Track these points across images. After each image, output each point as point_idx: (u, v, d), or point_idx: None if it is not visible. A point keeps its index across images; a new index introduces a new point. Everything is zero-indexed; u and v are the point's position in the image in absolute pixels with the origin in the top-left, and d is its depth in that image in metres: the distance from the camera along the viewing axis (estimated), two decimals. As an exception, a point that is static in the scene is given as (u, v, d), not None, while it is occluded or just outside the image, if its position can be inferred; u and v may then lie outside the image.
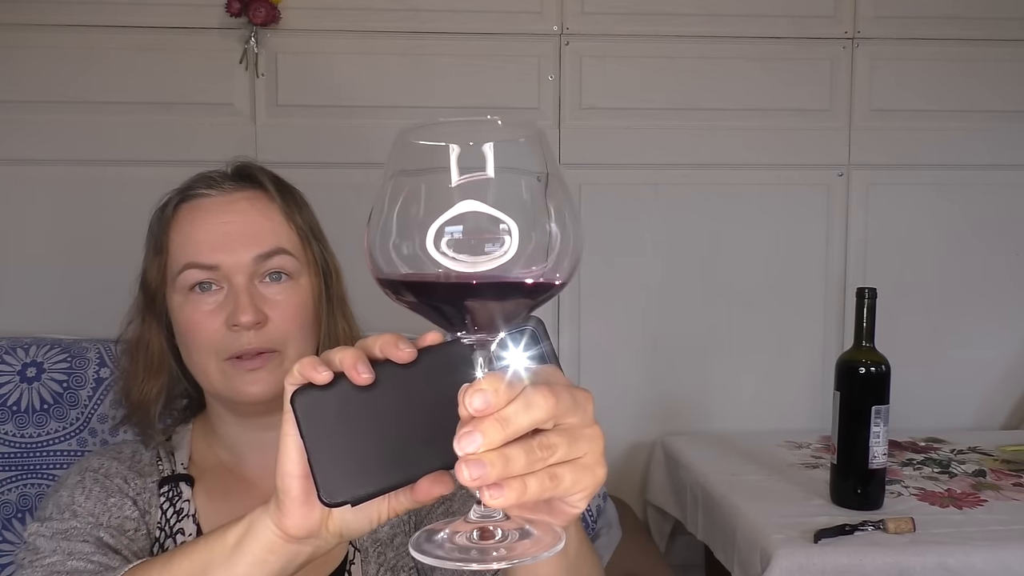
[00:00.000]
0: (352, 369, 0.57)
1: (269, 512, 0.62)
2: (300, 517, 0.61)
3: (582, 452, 0.53)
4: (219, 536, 0.66)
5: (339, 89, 1.80)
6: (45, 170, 1.75)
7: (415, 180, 0.48)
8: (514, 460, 0.49)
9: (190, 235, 0.96)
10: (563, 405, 0.51)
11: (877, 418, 1.36)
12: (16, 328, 1.65)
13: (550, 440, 0.51)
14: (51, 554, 0.85)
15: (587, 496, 0.54)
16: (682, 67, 1.87)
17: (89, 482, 0.95)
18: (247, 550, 0.63)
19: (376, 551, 0.96)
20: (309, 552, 0.63)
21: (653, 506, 1.86)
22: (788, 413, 1.94)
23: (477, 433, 0.48)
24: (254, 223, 0.96)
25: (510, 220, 0.47)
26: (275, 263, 0.95)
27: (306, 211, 1.02)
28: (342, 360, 0.58)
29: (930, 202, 1.96)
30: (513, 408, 0.49)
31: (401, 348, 0.57)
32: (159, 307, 1.00)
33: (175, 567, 0.68)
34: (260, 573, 0.63)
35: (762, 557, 1.29)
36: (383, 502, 0.63)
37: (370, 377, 0.57)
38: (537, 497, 0.50)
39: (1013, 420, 2.00)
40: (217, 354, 0.93)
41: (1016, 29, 1.92)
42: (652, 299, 1.91)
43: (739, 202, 1.91)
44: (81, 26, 1.73)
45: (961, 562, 1.25)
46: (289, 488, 0.60)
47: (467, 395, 0.49)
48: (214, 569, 0.65)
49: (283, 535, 0.62)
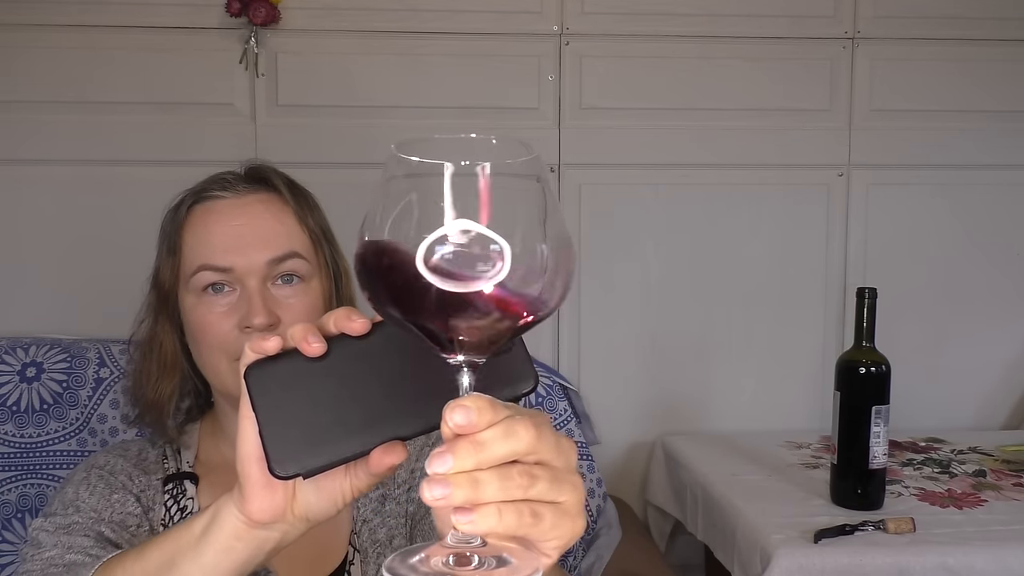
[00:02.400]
0: (303, 341, 0.57)
1: (233, 499, 0.62)
2: (262, 501, 0.60)
3: (563, 498, 0.50)
4: (187, 525, 0.66)
5: (339, 89, 1.80)
6: (46, 170, 1.75)
7: (406, 196, 0.48)
8: (484, 485, 0.47)
9: (204, 237, 0.97)
10: (546, 444, 0.50)
11: (877, 418, 1.36)
12: (16, 328, 1.65)
13: (532, 471, 0.49)
14: (51, 548, 0.86)
15: (562, 547, 0.51)
16: (682, 67, 1.87)
17: (94, 479, 0.96)
18: (213, 538, 0.63)
19: (375, 552, 0.96)
20: (277, 538, 0.63)
21: (653, 506, 1.86)
22: (788, 413, 1.93)
23: (448, 454, 0.47)
24: (267, 226, 0.97)
25: (503, 241, 0.46)
26: (288, 266, 0.96)
27: (318, 213, 1.03)
28: (292, 334, 0.58)
29: (930, 202, 1.95)
30: (492, 433, 0.48)
31: (354, 320, 0.57)
32: (172, 307, 1.01)
33: (146, 557, 0.68)
34: (227, 560, 0.63)
35: (762, 557, 1.29)
36: (345, 480, 0.62)
37: (321, 347, 0.57)
38: (513, 531, 0.48)
39: (1013, 420, 2.00)
40: (229, 355, 0.94)
41: (1016, 29, 1.92)
42: (652, 299, 1.91)
43: (739, 202, 1.91)
44: (81, 26, 1.73)
45: (961, 562, 1.25)
46: (249, 472, 0.59)
47: (449, 410, 0.47)
48: (182, 558, 0.64)
49: (247, 521, 0.61)
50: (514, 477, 0.48)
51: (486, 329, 0.49)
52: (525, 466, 0.49)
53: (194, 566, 0.64)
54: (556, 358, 1.89)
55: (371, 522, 0.98)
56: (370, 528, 0.97)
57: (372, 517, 0.98)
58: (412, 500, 0.99)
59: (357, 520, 0.98)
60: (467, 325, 0.48)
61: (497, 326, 0.49)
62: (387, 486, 1.00)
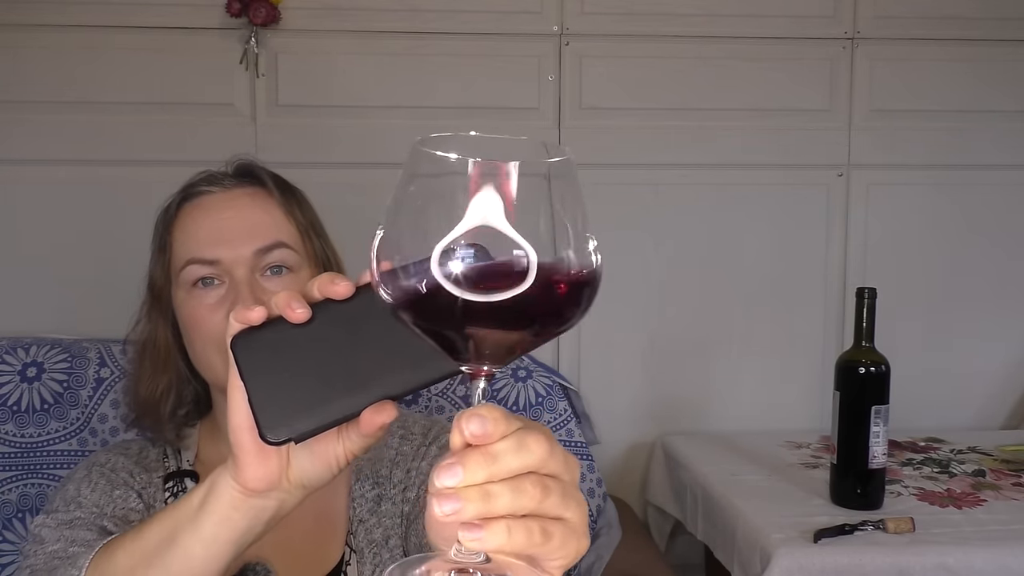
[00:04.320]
0: (287, 308, 0.57)
1: (228, 469, 0.62)
2: (256, 469, 0.60)
3: (570, 513, 0.48)
4: (184, 500, 0.66)
5: (339, 89, 1.80)
6: (45, 170, 1.75)
7: (427, 196, 0.44)
8: (496, 498, 0.45)
9: (191, 232, 0.98)
10: (556, 458, 0.48)
11: (877, 418, 1.36)
12: (16, 328, 1.65)
13: (545, 482, 0.47)
14: (54, 542, 0.86)
15: (565, 566, 0.49)
16: (682, 67, 1.87)
17: (96, 476, 0.97)
18: (211, 510, 0.63)
19: (371, 552, 0.96)
20: (274, 507, 0.63)
21: (653, 506, 1.86)
22: (788, 413, 1.93)
23: (458, 466, 0.45)
24: (254, 218, 0.97)
25: (527, 246, 0.43)
26: (275, 256, 0.96)
27: (306, 207, 1.03)
28: (276, 301, 0.58)
29: (930, 202, 1.96)
30: (504, 445, 0.46)
31: (337, 284, 0.57)
32: (165, 305, 1.01)
33: (145, 536, 0.68)
34: (226, 531, 0.63)
35: (762, 557, 1.29)
36: (337, 444, 0.62)
37: (305, 313, 0.57)
38: (522, 549, 0.46)
39: (1013, 420, 2.00)
40: (221, 347, 0.93)
41: (1016, 29, 1.92)
42: (652, 299, 1.91)
43: (739, 202, 1.91)
44: (81, 26, 1.73)
45: (961, 562, 1.25)
46: (242, 441, 0.60)
47: (464, 418, 0.45)
48: (181, 532, 0.65)
49: (243, 490, 0.62)
50: (527, 489, 0.46)
51: (505, 338, 0.46)
52: (538, 476, 0.47)
53: (193, 539, 0.64)
54: (556, 358, 1.89)
55: (367, 522, 0.98)
56: (366, 528, 0.98)
57: (368, 517, 0.98)
58: (408, 500, 0.99)
59: (353, 520, 0.98)
60: (485, 334, 0.45)
61: (517, 335, 0.46)
62: (383, 487, 1.00)
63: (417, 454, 1.01)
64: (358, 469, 1.00)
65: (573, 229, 0.45)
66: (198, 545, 0.64)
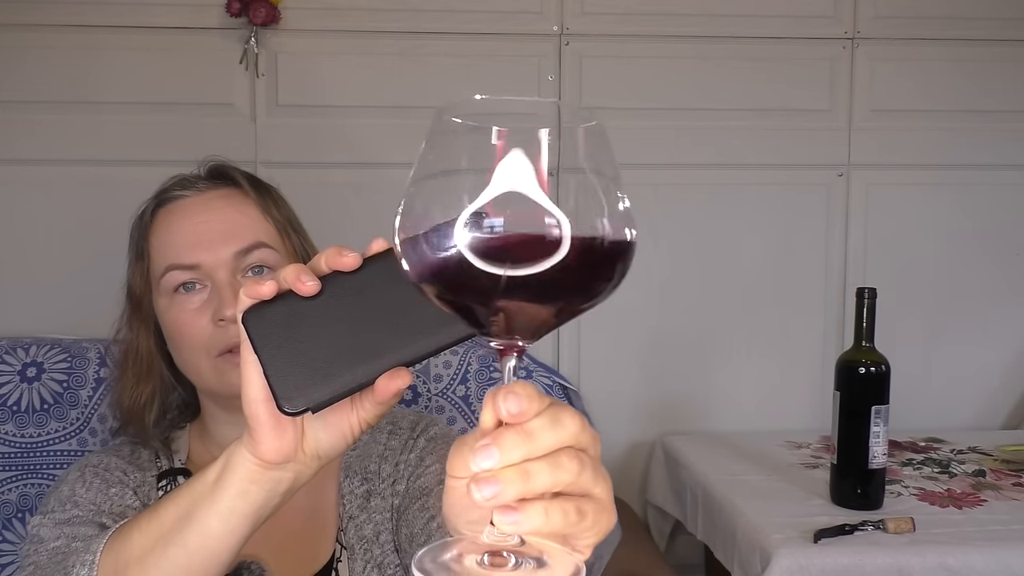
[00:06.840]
0: (296, 281, 0.58)
1: (244, 443, 0.63)
2: (272, 441, 0.61)
3: (599, 490, 0.47)
4: (200, 476, 0.66)
5: (339, 89, 1.80)
6: (45, 170, 1.75)
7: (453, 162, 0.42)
8: (536, 476, 0.44)
9: (169, 237, 0.98)
10: (587, 432, 0.47)
11: (877, 418, 1.36)
12: (16, 328, 1.65)
13: (580, 455, 0.45)
14: (55, 540, 0.86)
15: (595, 543, 0.49)
16: (682, 67, 1.87)
17: (89, 476, 0.97)
18: (228, 483, 0.63)
19: (362, 548, 0.97)
20: (290, 479, 0.63)
21: (653, 506, 1.86)
22: (788, 413, 1.93)
23: (494, 447, 0.43)
24: (231, 220, 0.97)
25: (560, 215, 0.41)
26: (256, 257, 0.97)
27: (282, 204, 1.04)
28: (285, 275, 0.58)
29: (930, 202, 1.95)
30: (539, 422, 0.44)
31: (345, 255, 0.58)
32: (146, 313, 1.01)
33: (161, 514, 0.68)
34: (244, 504, 0.63)
35: (762, 557, 1.29)
36: (352, 414, 0.62)
37: (315, 285, 0.58)
38: (560, 531, 0.45)
39: (1013, 420, 2.00)
40: (208, 351, 0.94)
41: (1016, 29, 1.92)
42: (652, 299, 1.91)
43: (739, 202, 1.91)
44: (81, 26, 1.73)
45: (961, 562, 1.25)
46: (257, 414, 0.60)
47: (499, 397, 0.44)
48: (198, 507, 0.65)
49: (259, 462, 0.62)
50: (564, 463, 0.45)
51: (537, 313, 0.43)
52: (573, 451, 0.46)
53: (211, 513, 0.64)
54: (556, 358, 1.89)
55: (357, 519, 0.98)
56: (356, 524, 0.98)
57: (358, 514, 0.98)
58: (397, 493, 0.99)
59: (343, 517, 0.98)
60: (516, 308, 0.43)
61: (550, 310, 0.44)
62: (372, 482, 1.00)
63: (405, 447, 1.01)
64: (347, 466, 1.00)
65: (606, 196, 0.43)
66: (215, 520, 0.64)
